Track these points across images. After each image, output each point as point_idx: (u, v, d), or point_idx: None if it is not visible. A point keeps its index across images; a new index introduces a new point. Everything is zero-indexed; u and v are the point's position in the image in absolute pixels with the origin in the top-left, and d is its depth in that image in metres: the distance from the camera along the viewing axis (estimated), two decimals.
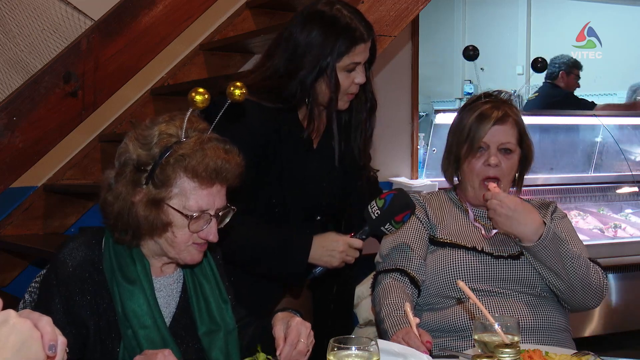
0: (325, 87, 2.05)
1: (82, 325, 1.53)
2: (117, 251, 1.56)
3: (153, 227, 1.52)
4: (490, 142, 2.09)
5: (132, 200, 1.52)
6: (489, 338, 1.58)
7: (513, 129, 2.11)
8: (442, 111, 4.44)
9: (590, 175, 4.77)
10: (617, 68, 7.08)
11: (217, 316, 1.62)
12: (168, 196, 1.50)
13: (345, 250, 2.03)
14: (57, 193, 3.58)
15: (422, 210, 2.17)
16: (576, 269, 1.98)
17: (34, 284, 1.74)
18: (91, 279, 1.54)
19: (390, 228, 2.00)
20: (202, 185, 1.51)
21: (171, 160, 1.49)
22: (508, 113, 2.11)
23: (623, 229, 4.43)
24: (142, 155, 1.52)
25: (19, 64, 3.54)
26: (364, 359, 1.36)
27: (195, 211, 1.51)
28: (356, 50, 2.04)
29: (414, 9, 2.99)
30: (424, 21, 4.60)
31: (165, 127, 1.53)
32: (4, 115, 3.24)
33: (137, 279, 1.54)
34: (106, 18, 3.41)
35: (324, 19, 2.05)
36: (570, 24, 7.18)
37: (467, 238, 2.10)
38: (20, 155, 3.31)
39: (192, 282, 1.64)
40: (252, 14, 3.91)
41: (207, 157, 1.49)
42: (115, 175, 1.55)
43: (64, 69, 3.30)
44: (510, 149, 2.10)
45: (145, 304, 1.53)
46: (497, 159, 2.08)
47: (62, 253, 1.56)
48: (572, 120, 4.86)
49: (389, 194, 2.00)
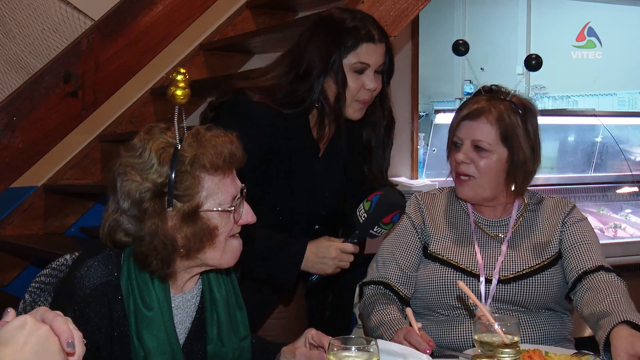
0: (333, 85, 2.04)
1: (95, 346, 1.46)
2: (137, 273, 1.47)
3: (202, 241, 1.44)
4: (464, 137, 2.00)
5: (166, 229, 1.42)
6: (488, 338, 1.58)
7: (491, 127, 1.97)
8: (442, 111, 4.44)
9: (590, 175, 4.77)
10: (617, 68, 7.07)
11: (224, 334, 1.57)
12: (200, 203, 1.43)
13: (337, 257, 2.00)
14: (57, 193, 3.58)
15: (419, 215, 2.11)
16: None
17: (34, 284, 1.73)
18: (109, 301, 1.47)
19: (379, 230, 1.97)
20: (224, 176, 1.46)
21: (186, 168, 1.42)
22: (488, 109, 1.98)
23: (623, 229, 4.43)
24: (154, 180, 1.42)
25: (19, 64, 3.54)
26: (364, 359, 1.36)
27: (230, 202, 1.46)
28: (363, 49, 2.02)
29: (414, 9, 2.99)
30: (424, 21, 4.59)
31: (153, 143, 1.44)
32: (4, 115, 3.24)
33: (155, 305, 1.46)
34: (106, 18, 3.42)
35: (332, 21, 2.06)
36: (570, 24, 7.17)
37: (461, 254, 2.02)
38: (20, 155, 3.31)
39: (209, 296, 1.58)
40: (252, 14, 3.91)
41: (218, 147, 1.45)
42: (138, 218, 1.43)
43: (64, 69, 3.31)
44: (483, 147, 1.98)
45: (162, 332, 1.46)
46: (465, 156, 1.99)
47: (79, 272, 1.47)
48: (572, 120, 4.86)
49: (375, 196, 1.95)
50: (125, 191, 1.43)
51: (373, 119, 2.15)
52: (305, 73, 2.04)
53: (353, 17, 2.05)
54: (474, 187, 2.02)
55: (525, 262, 2.00)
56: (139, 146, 1.45)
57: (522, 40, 7.06)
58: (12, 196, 3.47)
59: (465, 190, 2.03)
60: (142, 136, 1.47)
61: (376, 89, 2.07)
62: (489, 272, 1.98)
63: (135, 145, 1.46)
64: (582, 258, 1.97)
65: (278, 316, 2.21)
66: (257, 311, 2.09)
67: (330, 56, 2.01)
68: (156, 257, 1.43)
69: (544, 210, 2.09)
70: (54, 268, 1.70)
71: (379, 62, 2.06)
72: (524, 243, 2.04)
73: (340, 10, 2.10)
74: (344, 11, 2.09)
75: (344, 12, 2.08)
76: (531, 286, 1.97)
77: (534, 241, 2.04)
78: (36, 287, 1.71)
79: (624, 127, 5.05)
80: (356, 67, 2.03)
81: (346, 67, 2.02)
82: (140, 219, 1.43)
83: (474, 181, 2.01)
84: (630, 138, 5.01)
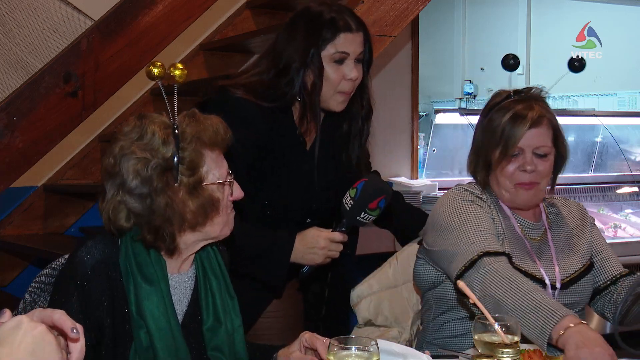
0: (312, 77, 2.06)
1: (97, 325, 1.51)
2: (136, 250, 1.54)
3: (207, 212, 1.53)
4: (525, 146, 1.95)
5: (176, 202, 1.50)
6: (488, 338, 1.58)
7: (549, 130, 1.98)
8: (442, 111, 4.44)
9: (590, 175, 4.78)
10: (617, 68, 7.07)
11: (220, 313, 1.62)
12: (202, 177, 1.53)
13: (326, 246, 2.01)
14: (57, 193, 3.58)
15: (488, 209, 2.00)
16: None
17: (34, 283, 1.74)
18: (109, 278, 1.52)
19: (366, 217, 1.99)
20: (219, 152, 1.58)
21: (189, 144, 1.51)
22: (543, 113, 1.97)
23: (623, 229, 4.44)
24: (163, 155, 1.50)
25: (19, 64, 3.54)
26: (364, 359, 1.36)
27: (226, 176, 1.57)
28: (341, 38, 2.04)
29: (414, 9, 3.00)
30: (424, 21, 4.60)
31: (154, 125, 1.52)
32: (4, 115, 3.24)
33: (155, 279, 1.52)
34: (106, 18, 3.42)
35: (309, 14, 2.09)
36: (570, 24, 7.17)
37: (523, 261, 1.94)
38: (20, 155, 3.31)
39: (203, 278, 1.64)
40: (252, 14, 3.91)
41: (211, 126, 1.55)
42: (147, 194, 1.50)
43: (64, 69, 3.30)
44: (546, 153, 1.97)
45: (162, 305, 1.51)
46: (532, 164, 1.95)
47: (81, 251, 1.53)
48: (572, 120, 4.86)
49: (360, 182, 1.98)
50: (134, 170, 1.49)
51: (353, 110, 2.17)
52: (284, 68, 2.06)
53: (330, 9, 2.07)
54: (537, 193, 2.00)
55: (574, 265, 2.00)
56: (137, 129, 1.52)
57: (522, 40, 7.06)
58: (12, 196, 3.47)
59: (530, 197, 1.99)
60: (137, 122, 1.54)
61: (357, 79, 2.09)
62: (551, 277, 1.95)
63: (133, 130, 1.53)
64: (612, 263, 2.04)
65: (274, 315, 2.22)
66: (251, 308, 2.10)
67: (308, 49, 2.04)
68: (166, 230, 1.51)
69: (561, 210, 2.12)
70: (53, 268, 1.71)
71: (358, 50, 2.08)
72: (565, 244, 2.04)
73: (317, 4, 2.12)
74: (320, 4, 2.11)
75: (321, 5, 2.10)
76: (582, 288, 1.98)
77: (569, 243, 2.05)
78: (36, 287, 1.71)
79: (624, 127, 5.05)
80: (335, 57, 2.05)
81: (326, 58, 2.04)
82: (150, 195, 1.49)
83: (537, 187, 1.99)
84: (630, 138, 5.01)
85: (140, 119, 1.54)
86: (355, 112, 2.18)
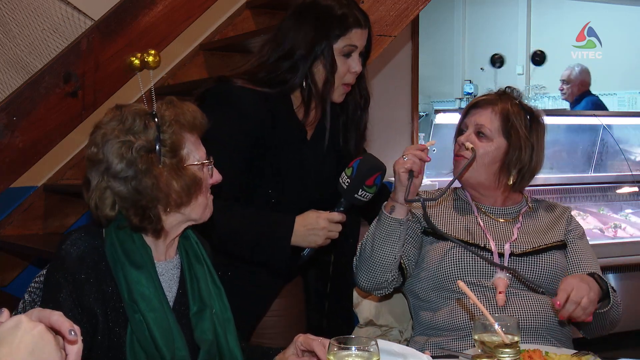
0: (322, 69, 2.07)
1: (91, 313, 1.53)
2: (121, 237, 1.56)
3: (190, 192, 1.57)
4: (469, 123, 2.12)
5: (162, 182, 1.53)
6: (488, 338, 1.59)
7: (495, 116, 2.09)
8: (442, 111, 4.44)
9: (590, 175, 4.78)
10: (617, 68, 7.08)
11: (205, 298, 1.64)
12: (183, 158, 1.57)
13: (326, 227, 2.03)
14: (57, 193, 3.59)
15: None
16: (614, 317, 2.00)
17: (34, 284, 1.74)
18: (96, 265, 1.55)
19: (364, 194, 2.01)
20: (198, 136, 1.62)
21: (170, 128, 1.55)
22: (494, 102, 2.11)
23: (623, 229, 4.44)
24: (146, 137, 1.54)
25: (19, 64, 3.54)
26: (364, 359, 1.37)
27: (205, 157, 1.61)
28: (352, 33, 2.07)
29: (414, 9, 3.00)
30: (424, 21, 4.60)
31: (135, 110, 1.57)
32: (4, 115, 3.23)
33: (142, 263, 1.55)
34: (106, 18, 3.41)
35: (319, 7, 2.10)
36: (570, 24, 7.18)
37: (469, 233, 2.08)
38: (20, 155, 3.30)
39: (187, 265, 1.66)
40: (252, 14, 3.91)
41: (190, 111, 1.60)
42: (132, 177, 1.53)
43: (64, 69, 3.30)
44: (484, 133, 2.08)
45: (152, 287, 1.54)
46: (467, 138, 2.09)
47: (65, 244, 1.56)
48: (572, 120, 4.86)
49: (355, 161, 2.01)
50: (119, 153, 1.52)
51: (350, 99, 2.20)
52: (288, 52, 2.07)
53: (339, 5, 2.09)
54: (472, 172, 2.09)
55: (536, 241, 2.08)
56: (117, 117, 1.56)
57: (522, 40, 7.07)
58: (12, 196, 3.47)
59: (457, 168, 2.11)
60: (115, 112, 1.58)
61: (359, 72, 2.13)
62: (500, 248, 2.04)
63: (113, 118, 1.57)
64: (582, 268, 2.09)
65: (277, 313, 2.23)
66: (252, 308, 2.10)
67: (319, 42, 2.05)
68: (152, 210, 1.55)
69: (541, 205, 2.21)
70: None
71: (364, 44, 2.13)
72: (534, 227, 2.13)
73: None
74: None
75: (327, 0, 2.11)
76: (541, 263, 2.04)
77: (543, 227, 2.13)
78: (36, 287, 1.72)
79: (624, 127, 5.06)
80: (345, 51, 2.08)
81: (336, 51, 2.07)
82: (135, 177, 1.52)
83: (463, 161, 2.08)
84: (630, 138, 5.02)
85: (119, 108, 1.59)
86: (352, 102, 2.20)
